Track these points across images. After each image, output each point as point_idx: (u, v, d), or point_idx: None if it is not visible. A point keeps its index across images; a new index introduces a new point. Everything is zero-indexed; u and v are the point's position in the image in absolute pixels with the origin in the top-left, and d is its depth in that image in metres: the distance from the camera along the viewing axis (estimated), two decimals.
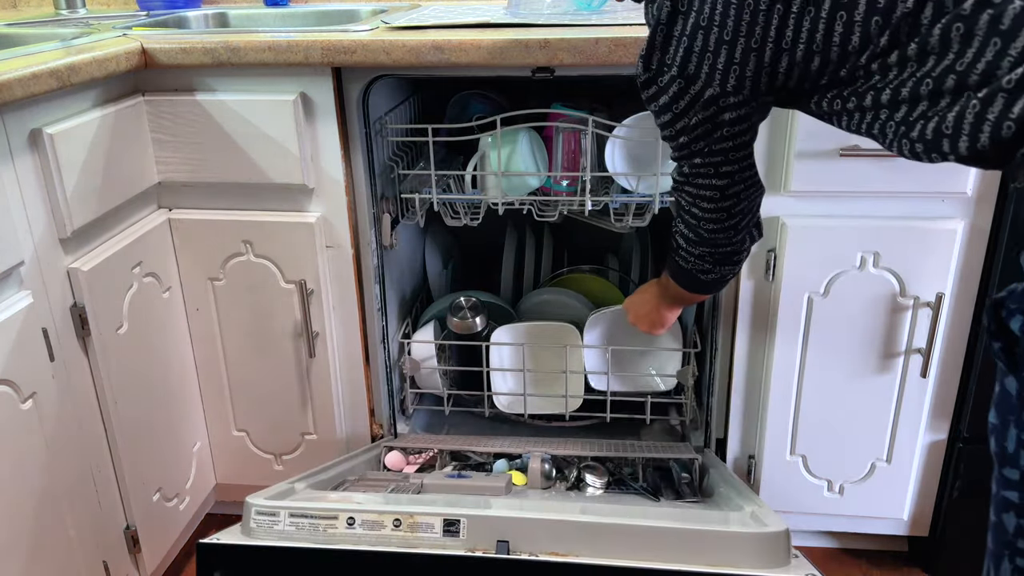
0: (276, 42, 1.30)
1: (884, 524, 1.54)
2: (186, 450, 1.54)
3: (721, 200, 1.00)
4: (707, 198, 1.00)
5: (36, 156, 1.15)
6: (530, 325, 1.66)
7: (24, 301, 1.12)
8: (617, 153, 1.46)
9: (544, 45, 1.26)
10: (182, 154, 1.40)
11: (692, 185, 1.01)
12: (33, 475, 1.14)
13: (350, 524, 1.00)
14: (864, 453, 1.47)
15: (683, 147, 0.97)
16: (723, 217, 1.02)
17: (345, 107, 1.38)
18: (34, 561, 1.14)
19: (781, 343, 1.41)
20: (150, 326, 1.40)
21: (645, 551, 0.94)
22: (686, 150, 0.97)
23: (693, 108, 0.92)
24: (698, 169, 0.99)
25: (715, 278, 1.13)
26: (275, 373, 1.53)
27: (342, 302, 1.50)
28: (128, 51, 1.29)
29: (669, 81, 0.92)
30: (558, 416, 1.67)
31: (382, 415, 1.62)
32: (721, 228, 1.04)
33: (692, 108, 0.92)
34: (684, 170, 1.01)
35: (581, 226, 1.70)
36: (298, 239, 1.43)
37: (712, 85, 0.89)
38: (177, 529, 1.53)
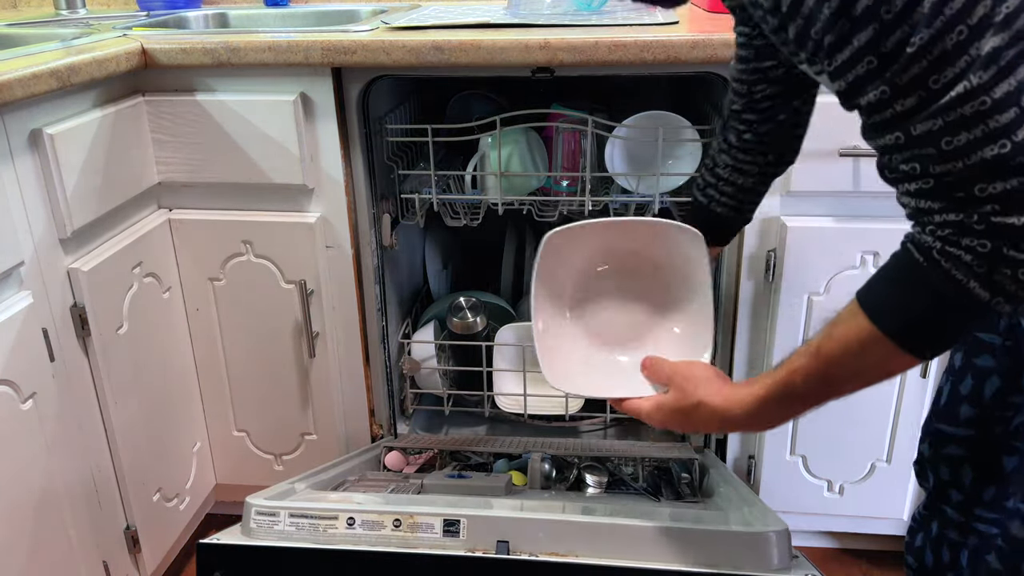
0: (276, 42, 1.30)
1: (884, 524, 1.54)
2: (186, 450, 1.54)
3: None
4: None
5: (36, 156, 1.15)
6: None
7: (24, 301, 1.12)
8: (617, 153, 1.46)
9: (544, 45, 1.26)
10: (182, 154, 1.40)
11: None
12: (33, 475, 1.14)
13: (350, 524, 1.00)
14: (864, 453, 1.47)
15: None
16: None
17: (345, 107, 1.38)
18: (34, 561, 1.14)
19: (781, 343, 1.41)
20: (150, 326, 1.40)
21: (645, 551, 0.94)
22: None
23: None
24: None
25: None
26: (275, 373, 1.53)
27: (342, 302, 1.50)
28: (128, 51, 1.29)
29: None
30: (558, 416, 1.67)
31: (382, 415, 1.62)
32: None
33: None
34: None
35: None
36: (298, 239, 1.43)
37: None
38: (177, 529, 1.53)
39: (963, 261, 0.64)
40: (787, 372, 0.76)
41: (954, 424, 1.02)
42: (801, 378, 0.75)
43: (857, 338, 0.70)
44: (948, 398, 1.03)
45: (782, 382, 0.77)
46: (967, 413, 1.00)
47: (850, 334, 0.71)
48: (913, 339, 0.69)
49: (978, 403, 0.99)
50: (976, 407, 0.99)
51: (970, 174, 0.62)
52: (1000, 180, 0.61)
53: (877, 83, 0.64)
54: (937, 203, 0.65)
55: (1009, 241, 0.61)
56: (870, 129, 0.68)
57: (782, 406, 0.78)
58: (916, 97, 0.62)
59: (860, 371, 0.72)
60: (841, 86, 0.67)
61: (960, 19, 0.59)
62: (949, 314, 0.67)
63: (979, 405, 0.99)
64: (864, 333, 0.70)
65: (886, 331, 0.69)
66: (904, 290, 0.68)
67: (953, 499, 1.05)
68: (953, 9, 0.59)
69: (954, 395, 1.02)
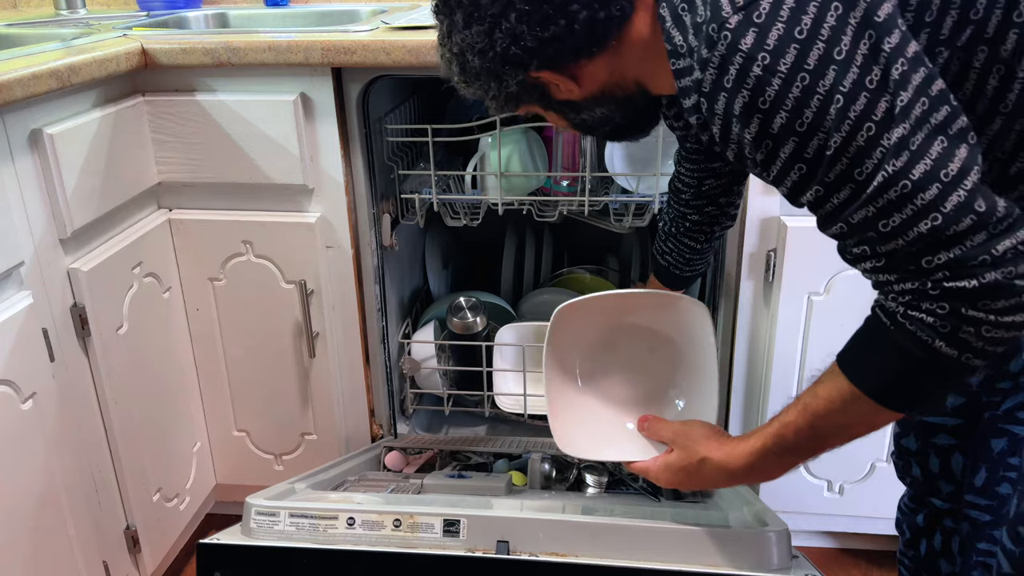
0: (276, 42, 1.30)
1: (884, 524, 1.54)
2: (186, 450, 1.54)
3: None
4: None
5: (36, 156, 1.15)
6: (535, 325, 1.65)
7: (24, 301, 1.12)
8: (617, 153, 1.46)
9: None
10: (182, 154, 1.40)
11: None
12: (33, 475, 1.14)
13: (350, 524, 0.99)
14: (864, 453, 1.47)
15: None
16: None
17: (345, 107, 1.38)
18: (34, 561, 1.14)
19: (781, 343, 1.41)
20: (150, 326, 1.40)
21: (645, 551, 0.94)
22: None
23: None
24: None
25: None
26: (275, 373, 1.53)
27: (342, 302, 1.49)
28: (128, 51, 1.29)
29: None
30: None
31: (382, 415, 1.62)
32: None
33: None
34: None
35: (581, 226, 1.70)
36: (298, 239, 1.43)
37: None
38: (177, 529, 1.53)
39: (926, 323, 0.69)
40: (779, 426, 0.82)
41: (942, 413, 1.03)
42: (792, 432, 0.80)
43: (840, 397, 0.76)
44: None
45: (775, 435, 0.82)
46: (955, 402, 1.02)
47: (833, 393, 0.76)
48: (892, 398, 0.74)
49: (966, 391, 1.00)
50: (964, 395, 1.00)
51: (913, 249, 0.68)
52: (943, 250, 0.67)
53: (811, 184, 0.70)
54: (893, 275, 0.71)
55: (966, 302, 0.67)
56: (819, 222, 0.74)
57: (779, 458, 0.83)
58: (848, 190, 0.68)
59: (846, 425, 0.78)
60: (784, 191, 0.73)
61: (866, 117, 0.66)
62: (923, 374, 0.71)
63: (967, 393, 1.00)
64: (846, 392, 0.75)
65: (865, 391, 0.74)
66: (877, 353, 0.74)
67: (943, 491, 1.06)
68: (856, 111, 0.66)
69: None
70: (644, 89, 0.85)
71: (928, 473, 1.07)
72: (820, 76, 0.65)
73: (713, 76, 0.69)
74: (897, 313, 0.70)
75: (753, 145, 0.70)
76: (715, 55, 0.68)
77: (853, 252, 0.74)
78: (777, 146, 0.69)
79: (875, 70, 0.65)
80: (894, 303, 0.71)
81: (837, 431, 0.78)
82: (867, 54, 0.65)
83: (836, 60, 0.65)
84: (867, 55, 0.65)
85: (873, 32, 0.65)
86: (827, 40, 0.65)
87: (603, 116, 0.88)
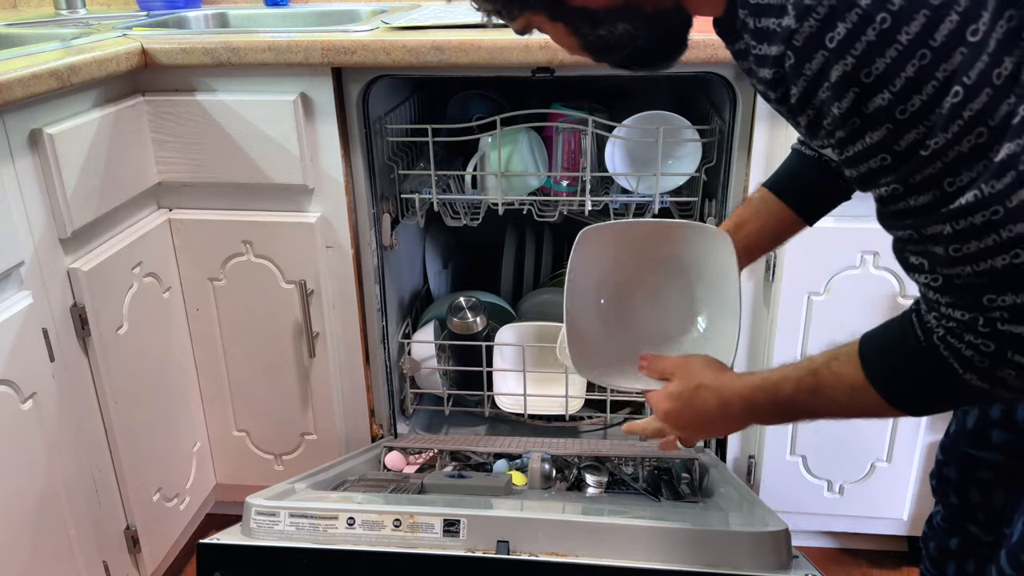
0: (276, 42, 1.30)
1: (884, 524, 1.54)
2: (186, 450, 1.54)
3: None
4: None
5: (36, 156, 1.15)
6: (535, 325, 1.65)
7: (24, 301, 1.12)
8: (617, 153, 1.46)
9: (544, 45, 1.26)
10: (182, 154, 1.40)
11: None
12: (33, 475, 1.14)
13: (350, 524, 1.00)
14: (864, 453, 1.47)
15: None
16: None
17: (345, 107, 1.38)
18: (34, 561, 1.14)
19: (781, 343, 1.41)
20: (150, 326, 1.40)
21: (645, 551, 0.94)
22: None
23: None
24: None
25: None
26: (275, 373, 1.53)
27: (342, 302, 1.49)
28: (128, 51, 1.29)
29: None
30: (558, 416, 1.67)
31: (382, 415, 1.62)
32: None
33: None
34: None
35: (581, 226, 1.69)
36: (298, 239, 1.43)
37: None
38: (177, 529, 1.53)
39: (963, 355, 0.62)
40: (780, 376, 0.77)
41: (986, 448, 1.00)
42: (792, 389, 0.75)
43: (851, 382, 0.70)
44: (977, 422, 1.01)
45: (775, 382, 0.77)
46: (999, 438, 0.98)
47: (845, 374, 0.71)
48: (903, 402, 0.69)
49: (1011, 427, 0.97)
50: (1009, 432, 0.97)
51: (979, 281, 0.60)
52: (1011, 292, 0.58)
53: (890, 178, 0.61)
54: (946, 298, 0.63)
55: (1015, 347, 0.60)
56: (883, 216, 0.66)
57: (773, 406, 0.78)
58: (930, 196, 0.59)
59: (848, 407, 0.73)
60: (853, 174, 0.64)
61: (980, 121, 0.55)
62: (941, 392, 0.67)
63: (1012, 430, 0.97)
64: (858, 380, 0.70)
65: (877, 388, 0.69)
66: (900, 360, 0.68)
67: (980, 519, 1.04)
68: (972, 111, 0.55)
69: (984, 419, 1.00)
70: (680, 5, 0.73)
71: (967, 503, 1.05)
72: (944, 58, 0.54)
73: (813, 29, 0.57)
74: (935, 334, 0.64)
75: (838, 120, 0.60)
76: (821, 3, 0.56)
77: (910, 261, 0.65)
78: (866, 128, 0.59)
79: (1007, 63, 0.54)
80: (935, 321, 0.64)
81: (837, 409, 0.73)
82: (1002, 39, 0.54)
83: (968, 41, 0.54)
84: (1002, 40, 0.54)
85: (1015, 14, 0.54)
86: (963, 12, 0.54)
87: (624, 34, 0.75)
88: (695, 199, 1.43)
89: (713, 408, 0.83)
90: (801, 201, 0.99)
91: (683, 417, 0.87)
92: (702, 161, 1.43)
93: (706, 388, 0.84)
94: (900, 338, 0.68)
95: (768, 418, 0.81)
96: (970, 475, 1.03)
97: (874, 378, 0.69)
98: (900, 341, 0.68)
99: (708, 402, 0.83)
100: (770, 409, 0.78)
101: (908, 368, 0.67)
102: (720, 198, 1.42)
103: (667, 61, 0.81)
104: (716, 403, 0.82)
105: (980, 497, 1.03)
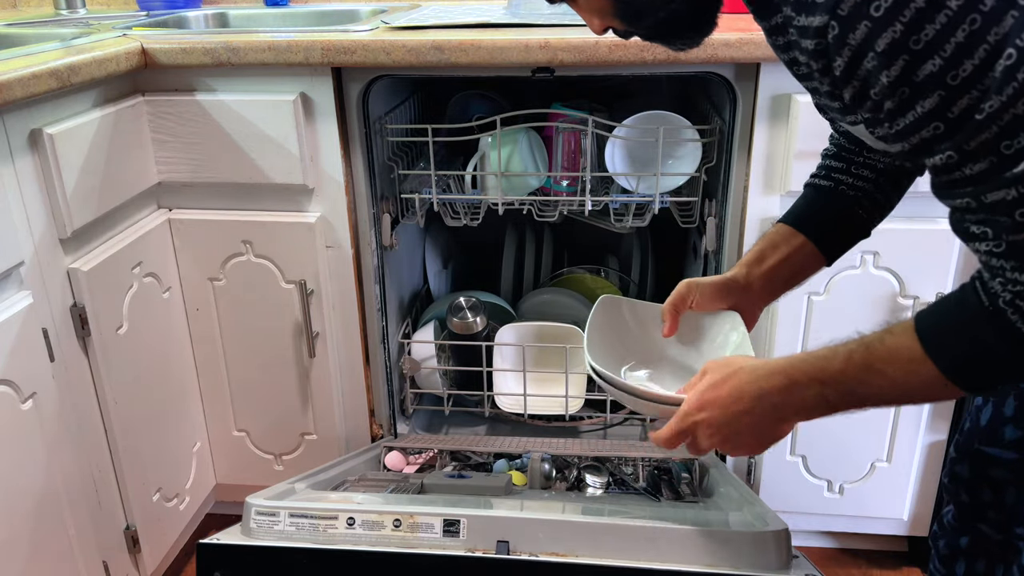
0: (276, 42, 1.30)
1: (884, 524, 1.54)
2: (186, 450, 1.54)
3: None
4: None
5: (36, 156, 1.15)
6: (535, 325, 1.65)
7: (24, 301, 1.12)
8: (617, 153, 1.46)
9: (544, 45, 1.26)
10: (182, 154, 1.40)
11: None
12: (33, 475, 1.14)
13: (350, 524, 0.99)
14: (864, 453, 1.47)
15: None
16: None
17: (345, 107, 1.38)
18: (34, 561, 1.14)
19: (781, 343, 1.41)
20: (150, 326, 1.40)
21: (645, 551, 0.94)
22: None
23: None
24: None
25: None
26: (275, 373, 1.53)
27: (342, 302, 1.49)
28: (128, 51, 1.29)
29: None
30: (558, 416, 1.67)
31: (382, 415, 1.62)
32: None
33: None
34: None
35: (581, 226, 1.70)
36: (298, 239, 1.43)
37: None
38: (177, 529, 1.53)
39: None
40: (829, 351, 0.72)
41: (999, 446, 1.00)
42: (841, 362, 0.70)
43: (908, 355, 0.67)
44: (991, 419, 1.01)
45: (821, 358, 0.72)
46: (1012, 435, 0.98)
47: (901, 348, 0.67)
48: (962, 375, 0.66)
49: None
50: (1022, 429, 0.97)
51: None
52: None
53: (944, 147, 0.60)
54: (1011, 262, 0.62)
55: None
56: (938, 187, 0.64)
57: (818, 387, 0.72)
58: (987, 162, 0.59)
59: (903, 386, 0.69)
60: (904, 147, 0.63)
61: None
62: (1004, 361, 0.64)
63: None
64: (916, 353, 0.67)
65: (937, 362, 0.66)
66: (962, 328, 0.65)
67: (991, 517, 1.03)
68: None
69: (997, 416, 1.00)
70: None
71: (979, 501, 1.04)
72: (995, 21, 0.54)
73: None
74: (1001, 298, 0.62)
75: (886, 90, 0.59)
76: None
77: (971, 231, 0.63)
78: (916, 97, 0.58)
79: None
80: (1001, 287, 0.62)
81: (889, 388, 0.69)
82: None
83: (1018, 4, 0.55)
84: None
85: None
86: None
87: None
88: (695, 199, 1.43)
89: (748, 396, 0.76)
90: (820, 233, 0.96)
91: (716, 408, 0.78)
92: (702, 161, 1.43)
93: (743, 370, 0.77)
94: (961, 307, 0.66)
95: (808, 400, 0.73)
96: (982, 473, 1.03)
97: (934, 349, 0.66)
98: (961, 310, 0.66)
99: (745, 388, 0.76)
100: (813, 390, 0.72)
101: (970, 337, 0.65)
102: (720, 198, 1.42)
103: (695, 34, 0.79)
104: (752, 389, 0.76)
105: (992, 495, 1.02)
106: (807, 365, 0.73)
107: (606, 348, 0.99)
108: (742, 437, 0.79)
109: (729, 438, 0.79)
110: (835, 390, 0.72)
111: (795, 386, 0.74)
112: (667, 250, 1.87)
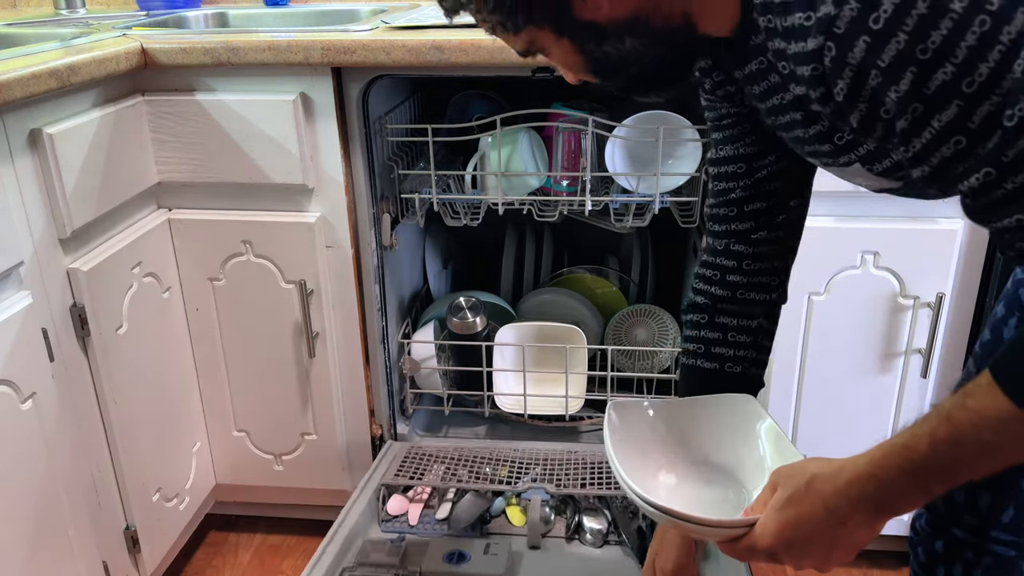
0: (276, 42, 1.30)
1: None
2: (186, 450, 1.54)
3: None
4: None
5: (36, 156, 1.15)
6: (535, 325, 1.65)
7: (24, 301, 1.11)
8: (617, 153, 1.46)
9: None
10: (182, 154, 1.40)
11: None
12: (33, 475, 1.14)
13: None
14: None
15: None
16: None
17: (345, 107, 1.38)
18: (34, 561, 1.14)
19: (781, 343, 1.41)
20: (150, 326, 1.40)
21: None
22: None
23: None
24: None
25: None
26: (275, 373, 1.53)
27: (342, 302, 1.49)
28: (128, 51, 1.29)
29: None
30: (558, 416, 1.67)
31: (382, 415, 1.61)
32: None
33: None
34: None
35: (581, 226, 1.70)
36: (298, 239, 1.43)
37: None
38: (177, 529, 1.53)
39: None
40: (910, 436, 0.65)
41: None
42: (927, 445, 0.63)
43: (998, 414, 0.60)
44: None
45: (904, 445, 0.65)
46: None
47: (987, 408, 0.60)
48: None
49: None
50: None
51: None
52: None
53: (971, 164, 0.54)
54: None
55: None
56: (977, 212, 0.58)
57: (908, 475, 0.65)
58: None
59: (996, 447, 0.61)
60: (924, 171, 0.58)
61: None
62: None
63: None
64: (1005, 410, 0.59)
65: None
66: None
67: (966, 522, 1.01)
68: None
69: None
70: (691, 23, 0.68)
71: (952, 505, 1.01)
72: (1006, 20, 0.50)
73: (855, 11, 0.53)
74: None
75: (897, 108, 0.54)
76: None
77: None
78: (931, 111, 0.53)
79: None
80: None
81: (984, 454, 0.62)
82: None
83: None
84: None
85: None
86: None
87: (631, 51, 0.70)
88: (695, 199, 1.43)
89: (840, 507, 0.68)
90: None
91: (800, 527, 0.71)
92: (702, 161, 1.43)
93: (819, 479, 0.70)
94: None
95: (904, 495, 0.67)
96: None
97: (1022, 398, 0.59)
98: None
99: (830, 500, 0.69)
100: (905, 482, 0.65)
101: None
102: None
103: (668, 87, 0.78)
104: (841, 499, 0.68)
105: (965, 500, 1.00)
106: (891, 459, 0.66)
107: (635, 464, 0.91)
108: (835, 551, 0.71)
109: (819, 555, 0.72)
110: (928, 477, 0.65)
111: (885, 486, 0.66)
112: (667, 250, 1.87)
